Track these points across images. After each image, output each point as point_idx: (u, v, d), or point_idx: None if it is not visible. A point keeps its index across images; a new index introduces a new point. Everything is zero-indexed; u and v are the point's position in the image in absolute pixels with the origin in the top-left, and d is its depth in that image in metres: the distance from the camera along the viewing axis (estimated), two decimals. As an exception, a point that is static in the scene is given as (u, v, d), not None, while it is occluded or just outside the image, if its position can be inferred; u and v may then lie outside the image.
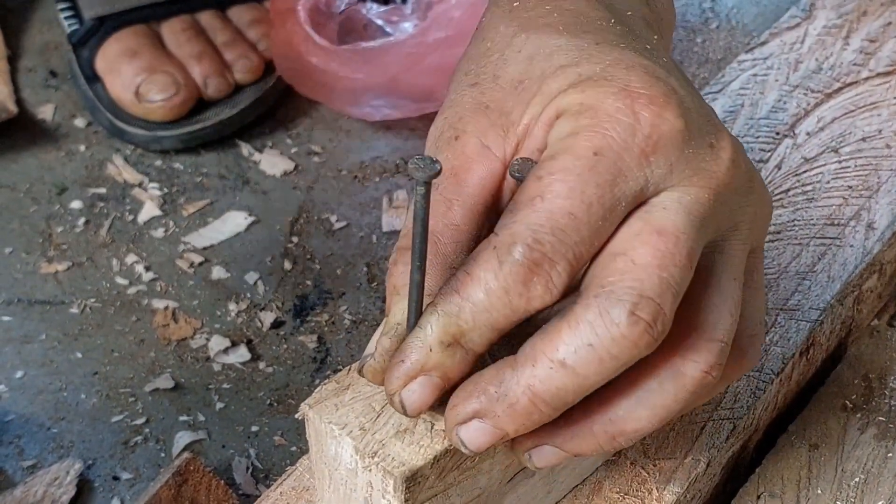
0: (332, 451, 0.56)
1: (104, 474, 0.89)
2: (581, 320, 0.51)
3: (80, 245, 1.06)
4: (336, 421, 0.55)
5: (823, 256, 0.78)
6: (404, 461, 0.54)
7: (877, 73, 0.91)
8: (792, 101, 0.88)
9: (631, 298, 0.50)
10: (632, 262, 0.51)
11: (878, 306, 0.83)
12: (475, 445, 0.53)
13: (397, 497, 0.54)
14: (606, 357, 0.50)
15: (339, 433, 0.55)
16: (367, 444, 0.55)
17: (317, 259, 1.05)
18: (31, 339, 0.99)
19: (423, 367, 0.53)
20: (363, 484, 0.55)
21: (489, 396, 0.52)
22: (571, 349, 0.50)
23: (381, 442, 0.55)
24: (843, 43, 0.93)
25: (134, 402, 0.94)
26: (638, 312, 0.50)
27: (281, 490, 0.66)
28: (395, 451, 0.54)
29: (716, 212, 0.53)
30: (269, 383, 0.96)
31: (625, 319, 0.50)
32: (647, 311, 0.50)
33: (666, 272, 0.51)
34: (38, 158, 1.14)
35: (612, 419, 0.54)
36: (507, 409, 0.52)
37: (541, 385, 0.51)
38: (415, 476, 0.54)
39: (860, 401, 0.75)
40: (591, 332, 0.50)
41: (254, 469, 0.90)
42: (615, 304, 0.50)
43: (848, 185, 0.83)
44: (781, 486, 0.70)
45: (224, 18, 1.19)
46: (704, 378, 0.53)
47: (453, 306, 0.51)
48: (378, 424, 0.56)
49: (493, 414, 0.52)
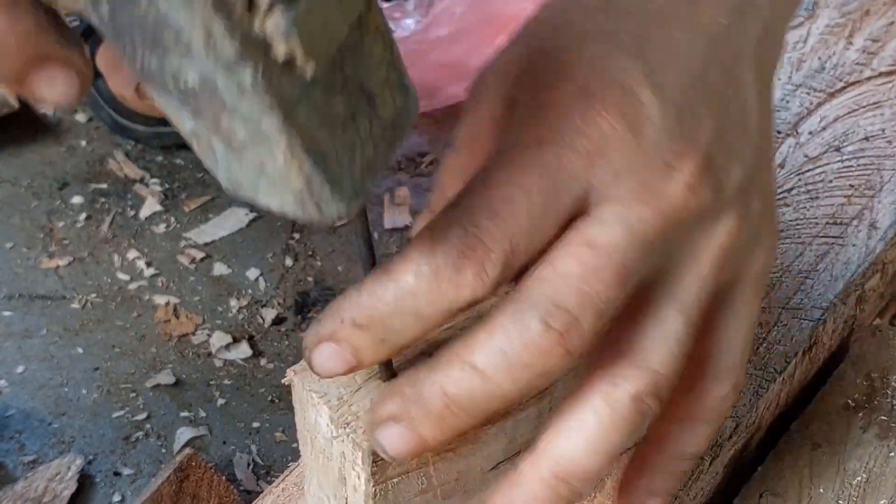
0: (312, 419, 0.57)
1: (105, 470, 0.89)
2: (496, 324, 0.50)
3: (82, 240, 1.06)
4: (317, 389, 0.56)
5: (826, 255, 0.78)
6: None
7: (879, 73, 0.90)
8: (795, 101, 0.88)
9: (545, 306, 0.49)
10: (553, 272, 0.49)
11: (881, 305, 0.83)
12: (395, 451, 0.52)
13: (365, 470, 0.54)
14: (518, 364, 0.49)
15: (318, 401, 0.55)
16: (342, 414, 0.55)
17: (318, 256, 1.05)
18: (32, 334, 0.98)
19: (331, 336, 0.51)
20: (338, 454, 0.56)
21: (404, 397, 0.51)
22: (484, 353, 0.49)
23: (356, 414, 0.55)
24: (846, 42, 0.93)
25: (135, 398, 0.94)
26: (549, 321, 0.49)
27: (283, 486, 0.66)
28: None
29: (666, 237, 0.51)
30: (271, 380, 0.96)
31: (535, 326, 0.49)
32: (560, 321, 0.49)
33: (588, 286, 0.49)
34: (39, 154, 1.14)
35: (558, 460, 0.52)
36: (420, 411, 0.51)
37: (453, 387, 0.50)
38: None
39: (862, 400, 0.75)
40: (504, 337, 0.49)
41: (255, 465, 0.90)
42: (528, 309, 0.49)
43: (851, 185, 0.83)
44: (783, 485, 0.70)
45: (226, 14, 1.19)
46: (638, 405, 0.51)
47: (378, 286, 0.50)
48: (357, 397, 0.56)
49: (408, 416, 0.51)
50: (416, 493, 0.58)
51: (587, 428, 0.52)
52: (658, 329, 0.53)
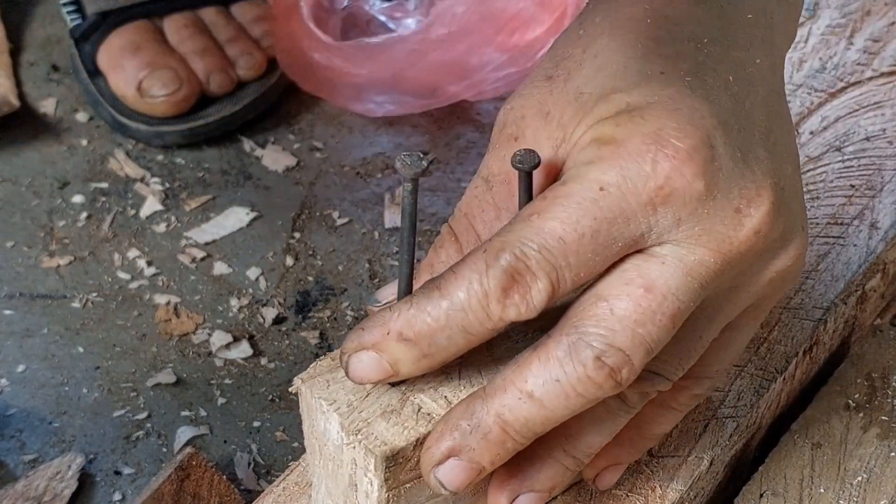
0: (321, 426, 0.57)
1: (106, 469, 0.89)
2: (552, 356, 0.52)
3: (82, 239, 1.06)
4: (326, 397, 0.56)
5: (827, 255, 0.78)
6: (386, 441, 0.54)
7: (881, 73, 0.90)
8: (796, 101, 0.88)
9: (600, 346, 0.51)
10: (611, 312, 0.51)
11: (882, 306, 0.83)
12: (454, 485, 0.54)
13: (377, 476, 0.55)
14: (572, 393, 0.52)
15: (328, 409, 0.56)
16: (352, 421, 0.55)
17: (319, 255, 1.06)
18: (33, 333, 0.99)
19: (374, 346, 0.53)
20: (348, 461, 0.56)
21: (462, 431, 0.53)
22: (540, 382, 0.52)
23: (367, 420, 0.55)
24: (847, 42, 0.93)
25: (136, 397, 0.94)
26: (604, 359, 0.51)
27: (284, 485, 0.66)
28: (378, 430, 0.54)
29: (720, 276, 0.53)
30: (271, 379, 0.96)
31: (591, 363, 0.51)
32: (614, 359, 0.51)
33: (643, 328, 0.51)
34: (39, 152, 1.14)
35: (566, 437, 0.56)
36: (480, 440, 0.53)
37: (510, 414, 0.52)
38: (395, 456, 0.54)
39: (863, 400, 0.75)
40: (559, 369, 0.51)
41: (255, 464, 0.90)
42: (584, 347, 0.51)
43: (851, 185, 0.83)
44: (784, 485, 0.70)
45: (227, 15, 1.19)
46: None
47: (428, 302, 0.52)
48: (366, 403, 0.56)
49: (467, 448, 0.53)
50: (428, 498, 0.58)
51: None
52: (682, 346, 0.55)
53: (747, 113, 0.54)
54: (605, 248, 0.51)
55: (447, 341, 0.52)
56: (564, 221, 0.51)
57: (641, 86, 0.53)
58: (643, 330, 0.51)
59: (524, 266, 0.51)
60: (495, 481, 0.58)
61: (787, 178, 0.55)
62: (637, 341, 0.51)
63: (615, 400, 0.55)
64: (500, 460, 0.53)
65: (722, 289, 0.54)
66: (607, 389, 0.51)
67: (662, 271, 0.52)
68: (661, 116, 0.52)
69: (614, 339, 0.51)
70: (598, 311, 0.51)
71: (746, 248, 0.53)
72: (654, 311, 0.51)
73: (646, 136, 0.52)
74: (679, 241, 0.52)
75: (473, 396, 0.54)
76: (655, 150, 0.51)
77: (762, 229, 0.53)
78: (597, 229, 0.51)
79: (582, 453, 0.57)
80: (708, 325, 0.55)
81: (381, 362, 0.54)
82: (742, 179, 0.53)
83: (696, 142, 0.52)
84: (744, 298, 0.55)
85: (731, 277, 0.54)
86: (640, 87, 0.53)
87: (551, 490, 0.58)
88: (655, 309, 0.51)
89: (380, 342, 0.53)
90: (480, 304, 0.51)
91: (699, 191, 0.51)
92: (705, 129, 0.52)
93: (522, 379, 0.52)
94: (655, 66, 0.54)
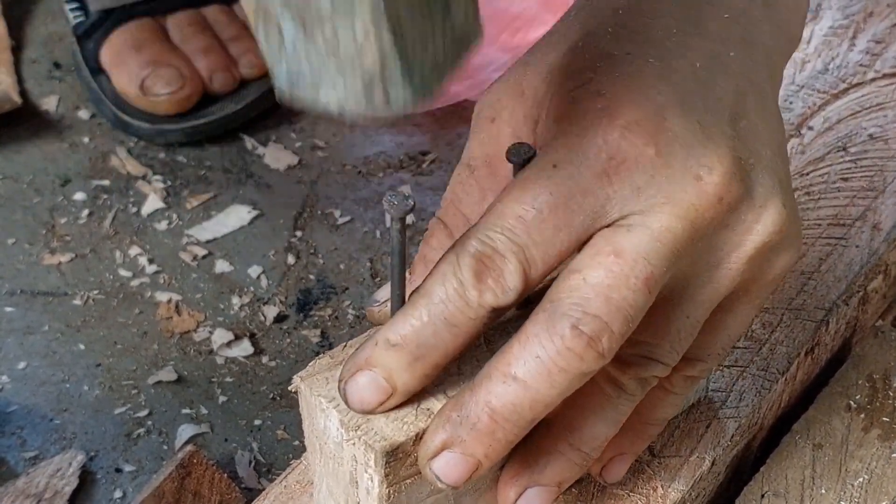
0: (321, 424, 0.57)
1: (107, 466, 0.89)
2: (529, 334, 0.52)
3: (84, 237, 1.06)
4: (325, 394, 0.56)
5: (829, 256, 0.78)
6: (386, 436, 0.54)
7: (883, 74, 0.91)
8: (798, 102, 0.88)
9: (576, 314, 0.51)
10: (583, 280, 0.52)
11: (883, 307, 0.83)
12: (450, 478, 0.54)
13: (378, 471, 0.55)
14: (554, 369, 0.51)
15: (327, 406, 0.56)
16: (352, 417, 0.55)
17: (320, 254, 1.06)
18: (34, 330, 0.99)
19: (366, 362, 0.54)
20: (349, 458, 0.56)
21: (452, 422, 0.53)
22: (521, 362, 0.52)
23: (366, 416, 0.55)
24: (850, 44, 0.93)
25: (137, 395, 0.94)
26: (581, 327, 0.51)
27: (285, 484, 0.66)
28: (378, 426, 0.55)
29: (693, 245, 0.53)
30: (272, 377, 0.96)
31: (568, 333, 0.51)
32: (591, 326, 0.51)
33: (617, 293, 0.51)
34: (41, 150, 1.14)
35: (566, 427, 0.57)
36: (470, 431, 0.53)
37: (497, 400, 0.52)
38: (395, 451, 0.54)
39: (864, 401, 0.75)
40: (537, 345, 0.52)
41: (256, 463, 0.90)
42: (560, 318, 0.51)
43: (854, 186, 0.83)
44: (785, 486, 0.70)
45: (230, 13, 1.19)
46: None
47: (409, 306, 0.53)
48: None
49: (459, 440, 0.53)
50: (429, 494, 0.58)
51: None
52: (671, 326, 0.55)
53: (716, 98, 0.56)
54: (567, 223, 0.52)
55: (434, 338, 0.53)
56: (521, 201, 0.52)
57: (606, 63, 0.55)
58: (617, 295, 0.51)
59: (491, 249, 0.52)
60: (504, 476, 0.58)
61: (760, 158, 0.55)
62: (613, 306, 0.51)
63: (612, 387, 0.55)
64: (495, 453, 0.53)
65: (700, 263, 0.54)
66: (589, 360, 0.51)
67: (630, 237, 0.52)
68: (618, 92, 0.53)
69: (588, 306, 0.51)
70: (571, 283, 0.52)
71: (711, 215, 0.53)
72: (626, 275, 0.51)
73: (599, 110, 0.53)
74: (643, 211, 0.52)
75: (463, 389, 0.54)
76: (607, 122, 0.53)
77: (724, 196, 0.53)
78: (554, 204, 0.52)
79: (588, 446, 0.57)
80: (692, 303, 0.55)
81: (376, 379, 0.54)
82: (702, 148, 0.53)
83: (647, 112, 0.53)
84: (725, 276, 0.55)
85: (706, 250, 0.54)
86: (605, 64, 0.55)
87: (559, 484, 0.57)
88: (628, 273, 0.51)
89: (370, 356, 0.54)
90: (458, 293, 0.52)
91: (650, 156, 0.52)
92: (659, 103, 0.53)
93: (505, 363, 0.52)
94: (623, 48, 0.56)
